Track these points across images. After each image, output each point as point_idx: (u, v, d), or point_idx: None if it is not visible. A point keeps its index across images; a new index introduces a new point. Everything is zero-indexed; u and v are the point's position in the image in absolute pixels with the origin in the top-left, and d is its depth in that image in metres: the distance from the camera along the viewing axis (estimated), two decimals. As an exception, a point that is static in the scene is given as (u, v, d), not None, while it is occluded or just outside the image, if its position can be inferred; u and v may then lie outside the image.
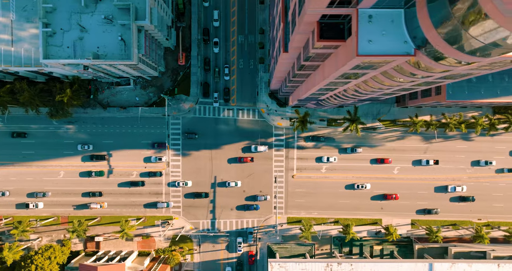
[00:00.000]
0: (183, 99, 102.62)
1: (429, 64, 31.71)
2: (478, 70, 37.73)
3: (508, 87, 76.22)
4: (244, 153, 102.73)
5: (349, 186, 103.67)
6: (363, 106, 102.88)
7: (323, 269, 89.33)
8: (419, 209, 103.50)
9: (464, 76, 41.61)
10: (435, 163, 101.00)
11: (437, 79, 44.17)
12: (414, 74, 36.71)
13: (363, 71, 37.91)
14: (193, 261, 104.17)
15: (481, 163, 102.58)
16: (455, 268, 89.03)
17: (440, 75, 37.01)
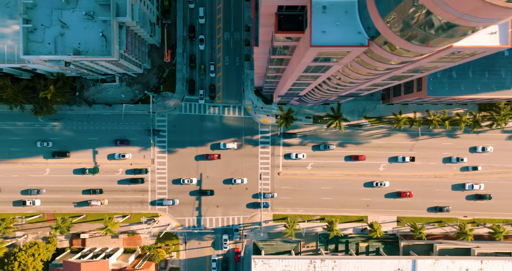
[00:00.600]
0: (169, 96, 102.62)
1: (383, 55, 31.71)
2: (441, 63, 37.72)
3: (488, 83, 76.27)
4: (213, 150, 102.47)
5: (338, 182, 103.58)
6: (349, 104, 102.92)
7: (307, 266, 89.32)
8: (430, 207, 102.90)
9: (430, 69, 41.61)
10: (411, 159, 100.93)
11: (405, 73, 44.18)
12: (375, 67, 36.69)
13: (324, 64, 37.93)
14: (179, 258, 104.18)
15: (465, 160, 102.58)
16: (438, 264, 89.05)
17: (401, 67, 37.00)
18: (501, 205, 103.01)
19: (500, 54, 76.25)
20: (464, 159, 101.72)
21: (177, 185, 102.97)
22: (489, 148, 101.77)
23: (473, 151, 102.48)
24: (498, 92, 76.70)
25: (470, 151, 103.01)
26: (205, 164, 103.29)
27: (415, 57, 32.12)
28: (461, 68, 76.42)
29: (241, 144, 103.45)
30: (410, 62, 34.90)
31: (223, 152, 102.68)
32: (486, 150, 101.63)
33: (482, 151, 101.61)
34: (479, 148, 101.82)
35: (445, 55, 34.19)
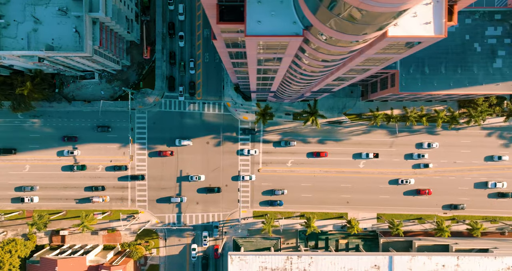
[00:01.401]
0: (149, 93, 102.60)
1: (319, 45, 31.72)
2: (389, 54, 37.75)
3: (461, 79, 76.33)
4: (169, 147, 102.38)
5: (318, 179, 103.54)
6: (329, 101, 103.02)
7: (283, 262, 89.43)
8: (445, 205, 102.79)
9: (382, 61, 41.64)
10: (374, 156, 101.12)
11: (361, 66, 44.18)
12: (317, 57, 36.69)
13: (271, 56, 37.91)
14: (159, 255, 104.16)
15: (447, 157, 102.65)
16: (415, 261, 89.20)
17: (348, 58, 36.96)
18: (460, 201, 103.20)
19: (473, 50, 76.39)
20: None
21: (157, 182, 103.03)
22: (468, 142, 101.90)
23: (456, 148, 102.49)
24: (470, 88, 76.77)
25: (453, 148, 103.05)
26: (185, 160, 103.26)
27: (350, 47, 32.15)
28: (434, 64, 76.54)
29: (221, 141, 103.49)
30: (356, 53, 34.90)
31: (182, 148, 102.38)
32: (465, 148, 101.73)
33: (463, 149, 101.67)
34: (461, 145, 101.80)
35: (386, 46, 34.20)
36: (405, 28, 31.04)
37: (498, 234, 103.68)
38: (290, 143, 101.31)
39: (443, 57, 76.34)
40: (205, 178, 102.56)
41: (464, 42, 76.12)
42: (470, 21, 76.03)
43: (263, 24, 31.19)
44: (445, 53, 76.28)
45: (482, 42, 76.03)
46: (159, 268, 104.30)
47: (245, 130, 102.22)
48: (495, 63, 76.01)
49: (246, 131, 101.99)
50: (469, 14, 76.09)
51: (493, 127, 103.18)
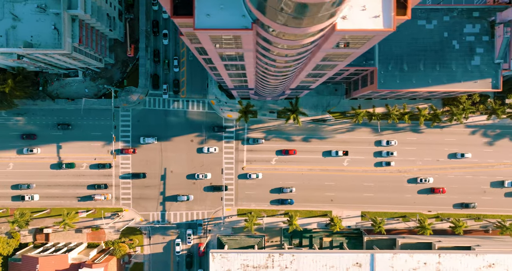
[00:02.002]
0: (133, 91, 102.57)
1: (269, 38, 31.71)
2: (350, 50, 37.70)
3: (439, 76, 76.35)
4: (133, 145, 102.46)
5: (302, 176, 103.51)
6: (313, 99, 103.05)
7: (265, 259, 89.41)
8: (456, 203, 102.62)
9: (345, 56, 41.61)
10: (344, 153, 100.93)
11: (328, 62, 44.17)
12: (272, 51, 36.68)
13: (227, 50, 37.89)
14: (143, 253, 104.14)
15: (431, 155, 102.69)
16: (397, 258, 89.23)
17: (307, 53, 36.93)
18: (442, 198, 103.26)
19: (451, 47, 76.43)
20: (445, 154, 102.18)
21: (140, 179, 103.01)
22: (452, 139, 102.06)
23: (440, 146, 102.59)
24: (449, 85, 76.80)
25: (436, 146, 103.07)
26: (169, 158, 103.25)
27: (300, 40, 32.10)
28: (412, 61, 76.57)
29: (205, 139, 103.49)
30: (315, 48, 34.87)
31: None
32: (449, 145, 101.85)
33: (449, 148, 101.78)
34: (444, 141, 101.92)
35: (339, 39, 34.21)
36: (354, 22, 31.03)
37: (482, 231, 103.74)
38: (259, 140, 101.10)
39: (422, 55, 76.35)
40: (211, 176, 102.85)
41: (443, 39, 76.12)
42: (449, 18, 76.05)
43: (212, 18, 31.20)
44: (423, 50, 76.29)
45: (460, 39, 76.05)
46: (143, 266, 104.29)
47: (215, 128, 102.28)
48: (473, 60, 76.04)
49: (216, 129, 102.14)
50: (447, 11, 76.14)
51: (477, 125, 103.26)
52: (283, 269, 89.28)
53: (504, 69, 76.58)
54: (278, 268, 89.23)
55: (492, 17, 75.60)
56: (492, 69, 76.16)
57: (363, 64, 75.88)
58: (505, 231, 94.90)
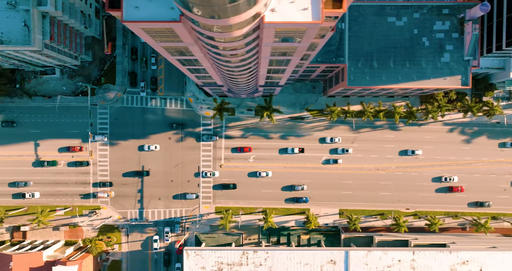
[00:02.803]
0: (110, 88, 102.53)
1: (199, 30, 31.67)
2: (294, 44, 37.69)
3: (409, 73, 76.41)
4: (83, 143, 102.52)
5: (279, 174, 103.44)
6: (291, 96, 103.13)
7: (239, 257, 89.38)
8: (471, 202, 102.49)
9: (292, 50, 41.57)
10: (300, 150, 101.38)
11: (277, 57, 44.13)
12: (223, 47, 36.69)
13: (168, 44, 37.85)
14: (121, 251, 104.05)
15: (408, 152, 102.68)
16: (371, 256, 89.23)
17: (251, 46, 36.78)
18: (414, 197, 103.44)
19: (421, 44, 76.49)
20: (420, 151, 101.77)
21: (118, 177, 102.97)
22: (430, 137, 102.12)
23: (419, 144, 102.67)
24: (419, 82, 76.87)
25: (414, 143, 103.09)
26: (147, 156, 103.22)
27: (229, 33, 32.01)
28: (382, 58, 76.62)
29: (183, 136, 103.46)
30: (256, 42, 34.76)
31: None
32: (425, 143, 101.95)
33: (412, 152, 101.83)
34: (423, 139, 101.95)
35: (275, 33, 34.18)
36: (283, 14, 31.03)
37: (460, 229, 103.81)
38: (212, 137, 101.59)
39: (392, 52, 76.40)
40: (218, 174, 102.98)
41: (413, 36, 76.17)
42: (418, 15, 76.10)
43: (141, 10, 31.18)
44: (393, 47, 76.34)
45: (430, 36, 76.10)
46: (121, 263, 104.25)
47: (173, 124, 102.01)
48: (443, 57, 76.10)
49: (174, 126, 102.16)
50: (417, 8, 76.18)
51: (455, 123, 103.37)
52: (258, 266, 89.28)
53: (474, 66, 76.65)
54: (252, 265, 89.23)
55: (461, 14, 75.69)
56: (462, 66, 76.24)
57: (333, 61, 75.97)
58: (479, 229, 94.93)
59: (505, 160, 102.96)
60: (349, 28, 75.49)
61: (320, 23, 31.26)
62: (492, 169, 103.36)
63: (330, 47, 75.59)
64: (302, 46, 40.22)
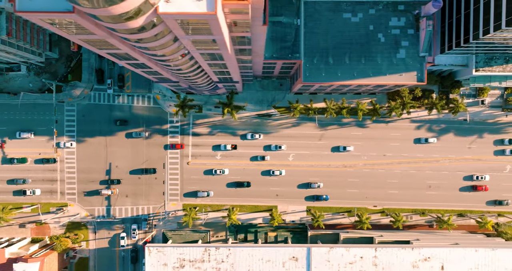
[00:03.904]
0: (77, 86, 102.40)
1: (96, 21, 31.61)
2: (202, 36, 37.66)
3: (365, 69, 76.38)
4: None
5: (248, 171, 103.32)
6: (258, 93, 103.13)
7: (201, 253, 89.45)
8: (489, 201, 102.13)
9: (209, 43, 41.51)
10: (232, 147, 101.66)
11: (202, 50, 44.04)
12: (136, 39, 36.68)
13: (82, 36, 37.78)
14: (88, 248, 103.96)
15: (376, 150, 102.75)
16: (333, 252, 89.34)
17: (168, 40, 36.65)
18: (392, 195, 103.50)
19: (376, 40, 76.49)
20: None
21: (86, 174, 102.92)
22: (397, 134, 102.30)
23: (385, 141, 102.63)
24: (374, 78, 76.83)
25: (382, 141, 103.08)
26: (114, 153, 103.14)
27: (122, 24, 31.86)
28: (338, 54, 76.58)
29: (150, 133, 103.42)
30: (170, 35, 34.58)
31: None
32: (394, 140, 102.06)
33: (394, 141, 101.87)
34: (390, 136, 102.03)
35: (179, 25, 34.12)
36: (177, 5, 31.01)
37: (427, 226, 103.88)
38: (141, 133, 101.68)
39: (347, 48, 76.37)
40: (228, 171, 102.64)
41: (368, 32, 76.14)
42: (374, 11, 76.07)
43: (34, 0, 31.15)
44: (349, 43, 76.30)
45: (386, 32, 76.08)
46: (89, 260, 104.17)
47: (117, 121, 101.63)
48: (398, 53, 76.10)
49: (118, 123, 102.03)
50: (373, 4, 76.16)
51: (423, 120, 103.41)
52: (220, 263, 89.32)
53: (429, 63, 76.71)
54: (214, 262, 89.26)
55: (416, 10, 75.70)
56: (417, 63, 76.28)
57: (288, 57, 75.95)
58: (442, 225, 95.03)
59: (472, 157, 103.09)
60: (305, 24, 75.45)
61: (214, 14, 31.24)
62: (459, 166, 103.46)
63: (286, 43, 75.62)
64: (220, 39, 40.22)
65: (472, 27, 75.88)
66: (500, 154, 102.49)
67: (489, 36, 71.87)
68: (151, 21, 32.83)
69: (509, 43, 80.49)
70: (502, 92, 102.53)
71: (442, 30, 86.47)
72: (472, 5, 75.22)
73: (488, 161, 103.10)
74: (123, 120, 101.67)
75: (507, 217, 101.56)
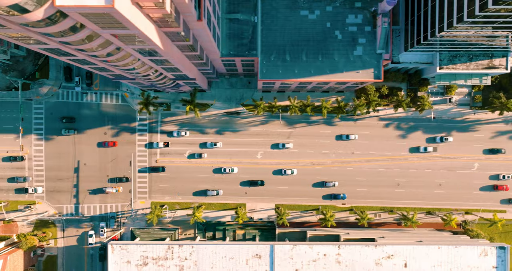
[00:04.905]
0: (45, 83, 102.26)
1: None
2: (118, 30, 37.58)
3: (322, 66, 76.41)
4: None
5: (216, 170, 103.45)
6: (226, 91, 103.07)
7: (164, 251, 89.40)
8: (503, 199, 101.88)
9: (132, 38, 41.41)
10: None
11: (127, 45, 43.93)
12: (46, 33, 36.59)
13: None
14: (57, 246, 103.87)
15: (345, 148, 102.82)
16: (296, 250, 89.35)
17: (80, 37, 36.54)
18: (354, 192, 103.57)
19: (334, 37, 76.49)
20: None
21: (54, 172, 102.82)
22: (354, 136, 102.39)
23: (340, 138, 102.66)
24: (331, 75, 76.86)
25: (340, 138, 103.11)
26: (82, 151, 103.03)
27: (19, 17, 31.61)
28: (295, 51, 76.59)
29: (118, 131, 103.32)
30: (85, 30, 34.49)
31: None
32: (352, 137, 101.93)
33: (347, 138, 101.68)
34: (351, 135, 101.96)
35: (85, 19, 34.05)
36: (75, -2, 30.96)
37: (396, 224, 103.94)
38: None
39: (305, 45, 76.40)
40: (237, 170, 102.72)
41: (325, 29, 76.17)
42: (331, 8, 76.09)
43: None
44: (306, 40, 76.32)
45: (343, 29, 76.12)
46: (57, 258, 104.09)
47: (63, 119, 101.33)
48: (355, 50, 76.12)
49: (64, 120, 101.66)
50: (330, 1, 76.18)
51: (391, 118, 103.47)
52: (183, 260, 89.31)
53: (386, 60, 76.73)
54: (177, 260, 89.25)
55: (373, 7, 75.74)
56: (374, 60, 76.32)
57: (245, 54, 75.90)
58: (407, 223, 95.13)
59: (440, 154, 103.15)
60: (262, 21, 75.45)
61: (111, 7, 31.17)
62: (427, 164, 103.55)
63: (243, 41, 75.60)
64: (141, 35, 40.20)
65: (430, 25, 76.10)
66: (470, 152, 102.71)
67: (444, 34, 72.00)
68: (56, 15, 32.78)
69: (472, 41, 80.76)
70: (470, 90, 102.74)
71: (406, 28, 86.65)
72: (430, 2, 75.43)
73: (456, 159, 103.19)
74: (70, 118, 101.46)
75: (474, 215, 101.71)
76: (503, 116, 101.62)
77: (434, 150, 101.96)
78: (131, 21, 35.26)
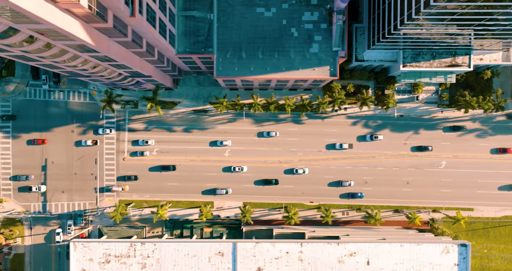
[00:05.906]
0: (12, 81, 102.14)
1: None
2: (38, 25, 37.47)
3: (278, 64, 76.41)
4: None
5: (181, 168, 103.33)
6: (194, 89, 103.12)
7: (127, 249, 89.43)
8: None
9: (58, 33, 41.39)
10: None
11: (62, 42, 43.81)
12: None
13: None
14: (24, 244, 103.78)
15: (312, 146, 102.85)
16: (259, 247, 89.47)
17: None
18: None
19: (290, 35, 76.49)
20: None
21: (22, 170, 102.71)
22: (333, 130, 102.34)
23: (321, 137, 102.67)
24: (287, 72, 76.86)
25: (318, 137, 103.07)
26: (50, 149, 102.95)
27: None
28: (251, 49, 76.56)
29: (86, 129, 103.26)
30: None
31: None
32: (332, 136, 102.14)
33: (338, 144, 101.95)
34: (325, 132, 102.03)
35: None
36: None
37: (363, 222, 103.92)
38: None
39: (260, 42, 76.36)
40: (247, 169, 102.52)
41: (281, 27, 76.15)
42: (287, 6, 76.06)
43: None
44: (262, 38, 76.30)
45: (299, 27, 76.11)
46: (24, 256, 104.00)
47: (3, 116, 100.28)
48: (311, 48, 76.14)
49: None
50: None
51: (359, 116, 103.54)
52: (145, 258, 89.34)
53: (341, 57, 76.74)
54: (140, 257, 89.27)
55: (329, 4, 75.75)
56: (330, 57, 76.34)
57: (201, 52, 75.92)
58: (370, 221, 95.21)
59: (408, 153, 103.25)
60: (218, 18, 75.42)
61: (6, 0, 31.17)
62: (395, 162, 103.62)
63: (199, 38, 75.59)
64: (60, 30, 40.16)
65: (387, 22, 76.10)
66: (438, 150, 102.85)
67: (406, 31, 72.07)
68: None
69: (435, 39, 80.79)
70: (437, 88, 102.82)
71: (369, 26, 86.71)
72: (387, 0, 75.43)
73: (424, 157, 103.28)
74: (11, 116, 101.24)
75: (443, 213, 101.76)
76: (469, 114, 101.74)
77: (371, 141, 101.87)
78: (39, 15, 35.23)
